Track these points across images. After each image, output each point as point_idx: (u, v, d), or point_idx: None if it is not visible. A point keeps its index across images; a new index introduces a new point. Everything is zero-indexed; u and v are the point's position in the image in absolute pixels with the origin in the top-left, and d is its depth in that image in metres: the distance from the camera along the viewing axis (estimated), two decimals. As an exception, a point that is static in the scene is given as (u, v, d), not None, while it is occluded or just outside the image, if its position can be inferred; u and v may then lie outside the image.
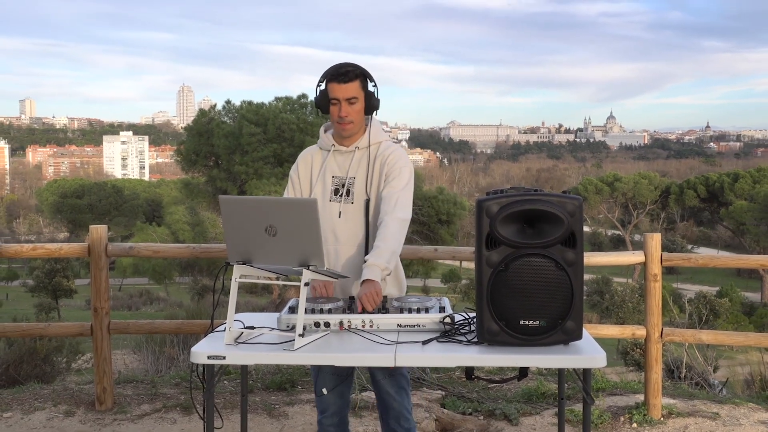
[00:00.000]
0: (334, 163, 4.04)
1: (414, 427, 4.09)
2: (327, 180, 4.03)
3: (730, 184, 64.75)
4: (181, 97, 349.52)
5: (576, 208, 3.25)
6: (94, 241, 6.16)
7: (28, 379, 8.10)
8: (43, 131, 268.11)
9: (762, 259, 7.26)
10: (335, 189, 4.01)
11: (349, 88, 3.87)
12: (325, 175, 4.03)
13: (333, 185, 4.02)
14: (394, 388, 4.00)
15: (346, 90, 3.86)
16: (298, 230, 3.28)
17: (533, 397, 6.55)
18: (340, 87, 3.86)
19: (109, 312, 6.26)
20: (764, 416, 6.16)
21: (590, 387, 3.35)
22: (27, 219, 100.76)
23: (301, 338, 3.34)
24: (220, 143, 42.70)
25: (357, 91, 3.90)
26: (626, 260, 6.73)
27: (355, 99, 3.89)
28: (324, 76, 3.91)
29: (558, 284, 3.25)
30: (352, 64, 3.93)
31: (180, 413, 6.12)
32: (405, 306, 3.60)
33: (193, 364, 3.36)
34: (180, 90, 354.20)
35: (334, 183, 4.02)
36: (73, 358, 10.65)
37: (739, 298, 41.74)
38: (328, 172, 4.03)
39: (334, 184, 4.02)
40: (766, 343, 7.00)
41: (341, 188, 4.00)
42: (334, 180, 4.02)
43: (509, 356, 3.29)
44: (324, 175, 4.03)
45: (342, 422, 4.11)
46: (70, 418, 6.05)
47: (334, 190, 4.01)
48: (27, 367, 8.68)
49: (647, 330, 6.16)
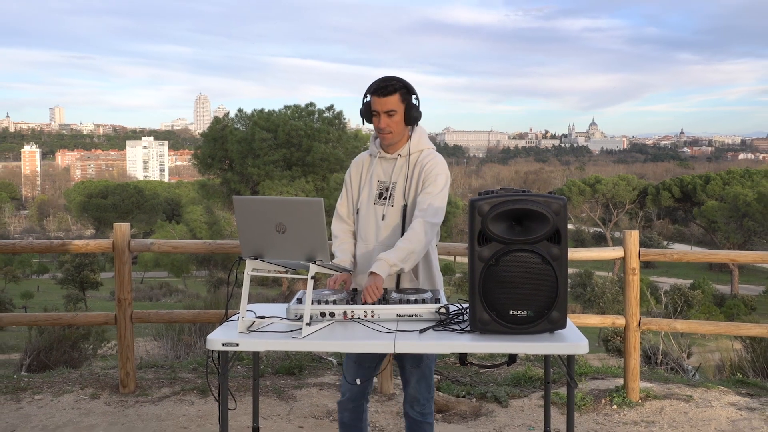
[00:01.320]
0: (380, 169, 4.02)
1: (429, 413, 4.01)
2: (373, 184, 4.02)
3: (702, 186, 64.79)
4: (198, 106, 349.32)
5: (561, 208, 3.25)
6: (118, 237, 6.16)
7: (58, 364, 8.11)
8: (72, 137, 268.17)
9: (732, 254, 7.27)
10: (379, 193, 3.99)
11: (389, 102, 3.84)
12: (372, 179, 4.02)
13: (378, 189, 4.00)
14: (416, 377, 3.96)
15: (386, 103, 3.84)
16: (305, 228, 3.27)
17: (521, 381, 6.56)
18: (379, 100, 3.84)
19: (131, 303, 6.26)
20: (734, 399, 6.16)
21: (574, 372, 3.35)
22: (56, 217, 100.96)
23: (308, 327, 3.34)
24: (233, 148, 42.68)
25: (396, 104, 3.86)
26: (607, 255, 6.73)
27: (393, 111, 3.86)
28: (368, 90, 3.90)
29: (544, 277, 3.25)
30: (396, 78, 3.90)
31: (197, 396, 6.13)
32: (403, 297, 3.60)
33: (209, 350, 3.36)
34: (197, 99, 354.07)
35: (379, 187, 4.00)
36: (99, 345, 10.68)
37: (710, 290, 41.74)
38: (375, 177, 4.02)
39: (379, 188, 4.00)
40: (735, 332, 7.00)
41: (385, 192, 3.98)
42: (379, 184, 4.00)
43: (499, 343, 3.29)
44: (371, 179, 4.03)
45: (357, 408, 4.06)
46: (96, 400, 6.05)
47: (379, 194, 4.00)
48: (56, 353, 8.69)
49: (626, 319, 6.16)
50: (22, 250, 6.82)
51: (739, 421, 5.67)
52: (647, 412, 5.86)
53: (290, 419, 5.67)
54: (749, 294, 46.12)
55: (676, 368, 8.68)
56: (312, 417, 5.72)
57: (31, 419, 5.65)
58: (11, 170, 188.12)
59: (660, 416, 5.79)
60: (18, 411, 5.83)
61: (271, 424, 5.54)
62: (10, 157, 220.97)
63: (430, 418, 4.01)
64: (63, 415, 5.73)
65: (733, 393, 6.33)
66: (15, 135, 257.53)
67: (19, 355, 9.21)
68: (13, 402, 6.00)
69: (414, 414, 3.98)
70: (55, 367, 7.79)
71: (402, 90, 3.86)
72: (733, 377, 7.26)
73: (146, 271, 57.78)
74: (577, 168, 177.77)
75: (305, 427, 5.53)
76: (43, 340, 8.87)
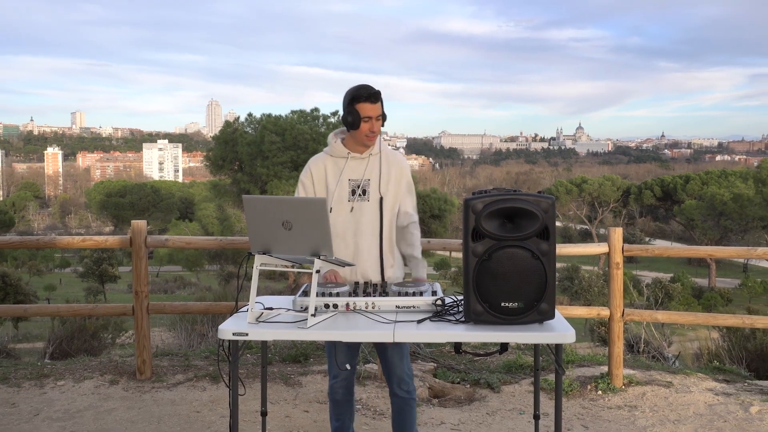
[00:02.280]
0: (350, 169, 4.06)
1: (413, 390, 4.11)
2: (344, 183, 4.04)
3: (682, 185, 64.84)
4: (210, 111, 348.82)
5: (549, 206, 3.25)
6: (135, 234, 6.16)
7: (79, 352, 8.12)
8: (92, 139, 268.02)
9: (709, 250, 7.27)
10: (352, 190, 4.03)
11: (378, 107, 3.93)
12: (342, 178, 4.04)
13: (350, 187, 4.04)
14: (398, 358, 4.03)
15: (376, 109, 3.91)
16: (310, 225, 3.28)
17: (512, 368, 6.56)
18: (373, 107, 3.90)
19: (147, 295, 6.26)
20: (711, 384, 6.16)
21: (562, 359, 3.35)
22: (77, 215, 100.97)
23: (313, 318, 3.34)
24: (243, 150, 42.76)
25: (381, 110, 3.97)
26: (592, 251, 6.73)
27: (380, 116, 3.96)
28: (355, 98, 3.91)
29: (534, 271, 3.25)
30: (371, 86, 3.96)
31: (209, 382, 6.13)
32: (402, 290, 3.61)
33: (220, 339, 3.36)
34: (209, 104, 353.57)
35: (351, 185, 4.04)
36: (117, 334, 10.67)
37: (689, 284, 41.79)
38: (345, 176, 4.05)
39: (351, 186, 4.04)
40: (713, 322, 7.00)
41: (357, 189, 4.03)
42: (351, 182, 4.04)
43: (492, 333, 3.28)
44: (341, 179, 4.04)
45: (349, 385, 4.17)
46: (114, 386, 6.05)
47: (351, 191, 4.04)
48: (77, 342, 8.70)
49: (611, 310, 6.16)
50: (46, 246, 6.83)
51: (716, 405, 5.67)
52: (630, 398, 5.86)
53: (296, 404, 5.68)
54: (725, 287, 46.19)
55: (657, 356, 8.68)
56: (317, 402, 5.72)
57: (54, 404, 5.66)
58: (35, 171, 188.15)
59: (642, 401, 5.79)
60: (42, 396, 5.83)
61: (278, 408, 5.54)
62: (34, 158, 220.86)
63: (414, 394, 4.12)
64: (84, 400, 5.73)
65: (711, 379, 6.34)
66: (39, 138, 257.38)
67: (43, 343, 9.21)
68: (37, 387, 6.00)
69: (402, 393, 4.07)
70: (76, 355, 7.80)
71: (380, 95, 3.97)
72: (711, 364, 7.26)
73: (161, 265, 57.74)
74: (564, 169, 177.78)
75: (310, 411, 5.54)
76: (65, 329, 8.88)
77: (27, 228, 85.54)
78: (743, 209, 51.47)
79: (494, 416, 5.52)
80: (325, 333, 3.34)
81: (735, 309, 31.61)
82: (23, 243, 7.16)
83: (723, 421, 5.38)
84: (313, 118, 44.05)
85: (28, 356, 9.15)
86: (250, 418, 5.23)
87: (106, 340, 9.77)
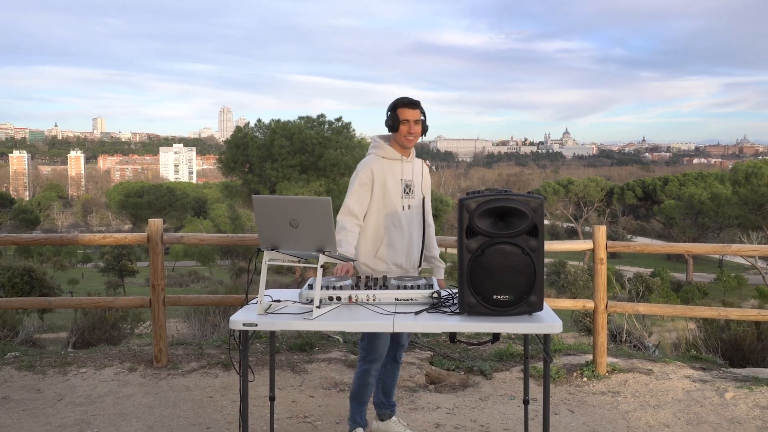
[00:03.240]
0: (403, 170, 4.29)
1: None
2: (397, 182, 4.27)
3: (661, 187, 64.91)
4: (222, 117, 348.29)
5: (538, 205, 3.25)
6: (152, 231, 6.16)
7: (100, 341, 8.13)
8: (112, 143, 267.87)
9: (687, 246, 7.26)
10: (404, 188, 4.29)
11: (417, 113, 4.20)
12: (396, 178, 4.27)
13: (402, 186, 4.28)
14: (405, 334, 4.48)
15: (414, 113, 4.19)
16: (315, 223, 3.28)
17: (504, 356, 6.55)
18: (411, 111, 4.18)
19: (164, 288, 6.26)
20: (688, 372, 6.16)
21: (549, 348, 3.35)
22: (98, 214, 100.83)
23: (318, 309, 3.34)
24: (253, 153, 42.71)
25: (420, 116, 4.22)
26: (578, 247, 6.72)
27: (419, 120, 4.21)
28: (395, 105, 4.20)
29: (523, 266, 3.25)
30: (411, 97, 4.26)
31: (221, 369, 6.13)
32: (401, 283, 3.61)
33: (231, 330, 3.37)
34: (221, 110, 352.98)
35: (403, 184, 4.28)
36: (135, 325, 10.67)
37: (668, 278, 41.81)
38: (399, 176, 4.28)
39: (403, 185, 4.28)
40: (690, 314, 7.00)
41: (406, 188, 4.29)
42: (403, 182, 4.28)
43: (484, 324, 3.29)
44: (396, 178, 4.27)
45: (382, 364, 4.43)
46: (132, 373, 6.05)
47: (404, 189, 4.28)
48: (98, 332, 8.70)
49: (595, 303, 6.16)
50: (69, 242, 6.82)
51: (693, 391, 5.67)
52: (613, 384, 5.86)
53: (302, 390, 5.68)
54: (702, 281, 46.22)
55: (639, 345, 8.68)
56: (321, 388, 5.72)
57: (77, 389, 5.66)
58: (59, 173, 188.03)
59: (624, 387, 5.79)
60: (65, 382, 5.83)
61: (285, 394, 5.54)
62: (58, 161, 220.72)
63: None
64: (104, 386, 5.73)
65: (688, 367, 6.34)
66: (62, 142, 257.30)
67: (66, 333, 9.21)
68: (60, 374, 6.00)
69: (399, 360, 4.55)
70: (97, 344, 7.80)
71: (420, 107, 4.24)
72: (688, 353, 7.26)
73: (177, 260, 57.71)
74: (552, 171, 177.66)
75: (315, 396, 5.53)
76: (87, 320, 8.88)
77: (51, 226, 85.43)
78: (720, 208, 51.48)
79: (486, 401, 5.52)
80: (329, 324, 3.35)
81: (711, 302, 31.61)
82: (48, 240, 7.17)
83: (700, 406, 5.38)
84: (319, 123, 44.02)
85: (52, 345, 9.15)
86: (259, 403, 5.23)
87: (125, 331, 9.77)
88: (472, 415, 5.21)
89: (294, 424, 4.97)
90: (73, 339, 8.44)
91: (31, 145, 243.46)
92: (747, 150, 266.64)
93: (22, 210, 77.16)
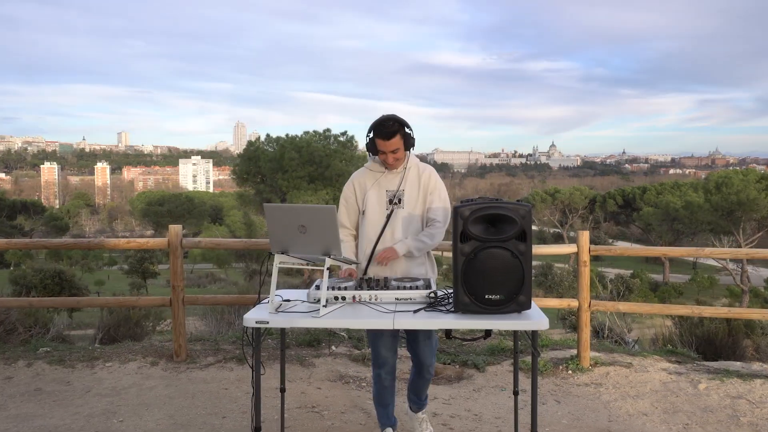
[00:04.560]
0: (386, 180, 4.05)
1: (432, 374, 4.21)
2: (382, 193, 4.04)
3: (640, 195, 64.79)
4: (236, 131, 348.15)
5: (526, 212, 3.26)
6: (172, 236, 6.17)
7: (124, 338, 8.12)
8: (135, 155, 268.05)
9: (664, 250, 7.26)
10: (389, 200, 4.03)
11: (392, 143, 3.87)
12: (380, 189, 4.05)
13: (387, 197, 4.03)
14: (429, 349, 4.06)
15: (390, 145, 3.87)
16: (321, 229, 3.28)
17: (495, 351, 6.55)
18: (385, 143, 3.87)
19: (183, 289, 6.26)
20: (665, 365, 6.16)
21: (537, 344, 3.35)
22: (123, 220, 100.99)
23: (325, 308, 3.35)
24: (265, 165, 42.81)
25: (398, 143, 3.87)
26: (564, 251, 6.72)
27: (397, 149, 3.90)
28: (372, 131, 3.90)
29: (513, 268, 3.25)
30: (392, 118, 3.88)
31: (235, 363, 6.13)
32: (401, 284, 3.62)
33: (245, 327, 3.37)
34: (236, 125, 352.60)
35: (388, 195, 4.03)
36: (157, 322, 10.68)
37: (647, 279, 41.65)
38: (383, 188, 4.05)
39: (388, 196, 4.03)
40: (666, 312, 6.99)
41: (393, 198, 4.02)
42: (388, 193, 4.04)
43: (477, 321, 3.29)
44: (379, 189, 4.05)
45: (394, 371, 4.16)
46: (154, 366, 6.05)
47: (389, 200, 4.03)
48: (123, 329, 8.70)
49: (579, 302, 6.16)
50: (96, 247, 6.83)
51: (670, 383, 5.67)
52: (596, 376, 5.86)
53: (310, 382, 5.67)
54: (678, 281, 46.10)
55: (620, 341, 8.68)
56: (328, 380, 5.72)
57: (103, 382, 5.66)
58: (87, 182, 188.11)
59: (606, 379, 5.78)
60: (92, 375, 5.83)
61: (295, 386, 5.54)
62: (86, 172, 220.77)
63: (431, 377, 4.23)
64: (128, 379, 5.73)
65: (665, 360, 6.33)
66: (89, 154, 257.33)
67: (93, 330, 9.20)
68: (88, 368, 6.01)
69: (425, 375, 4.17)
70: (122, 340, 7.80)
71: (400, 130, 3.88)
72: (665, 348, 7.25)
73: (195, 263, 57.58)
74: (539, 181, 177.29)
75: (322, 388, 5.53)
76: (113, 318, 8.88)
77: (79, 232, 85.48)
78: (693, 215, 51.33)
79: (480, 392, 5.51)
80: (334, 321, 3.35)
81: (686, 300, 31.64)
82: (76, 244, 7.17)
83: (675, 396, 5.37)
84: (325, 137, 44.17)
85: (80, 341, 9.14)
86: (271, 394, 5.23)
87: (147, 328, 9.77)
88: (466, 405, 5.21)
89: (303, 413, 4.97)
90: (100, 335, 8.44)
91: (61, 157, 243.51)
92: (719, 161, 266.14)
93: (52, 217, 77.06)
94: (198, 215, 74.63)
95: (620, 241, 69.14)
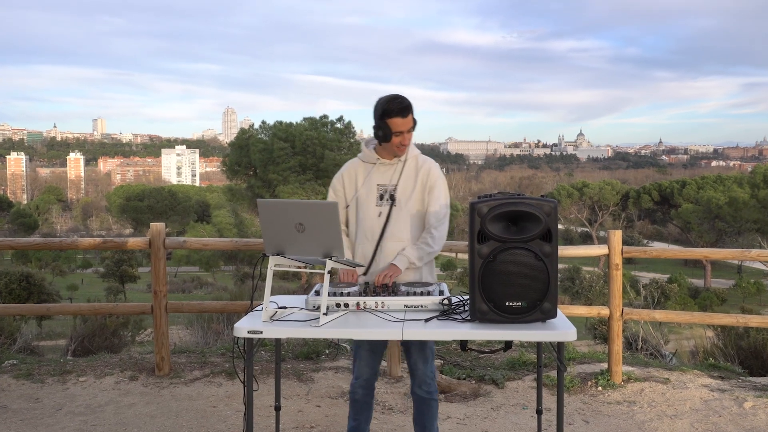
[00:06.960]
0: (378, 173, 4.00)
1: (435, 390, 4.06)
2: (372, 187, 3.99)
3: (678, 190, 64.69)
4: (226, 118, 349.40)
5: (552, 209, 3.25)
6: (154, 235, 6.18)
7: (100, 349, 8.14)
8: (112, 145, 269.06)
9: (705, 252, 7.24)
10: (380, 195, 3.98)
11: (408, 121, 3.84)
12: (371, 183, 4.00)
13: (378, 192, 3.99)
14: (422, 359, 4.00)
15: (407, 123, 3.83)
16: (322, 228, 3.28)
17: (516, 365, 6.55)
18: (404, 121, 3.82)
19: (166, 294, 6.28)
20: (706, 381, 6.15)
21: (563, 357, 3.34)
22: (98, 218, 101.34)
23: (325, 316, 3.34)
24: (256, 156, 42.92)
25: (412, 121, 3.89)
26: (593, 252, 6.71)
27: (412, 127, 3.89)
28: (386, 113, 3.82)
29: (537, 272, 3.24)
30: (402, 96, 3.86)
31: (225, 378, 6.14)
32: (411, 290, 3.61)
33: (235, 337, 3.37)
34: (225, 111, 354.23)
35: (379, 190, 3.98)
36: (137, 332, 10.73)
37: (686, 284, 41.60)
38: (374, 181, 4.00)
39: (379, 191, 3.98)
40: (708, 321, 6.98)
41: (385, 194, 3.97)
42: (379, 188, 3.98)
43: (496, 331, 3.28)
44: (370, 183, 4.00)
45: (369, 386, 4.10)
46: (134, 381, 6.07)
47: (379, 196, 3.98)
48: (99, 339, 8.72)
49: (610, 310, 6.15)
50: (68, 247, 6.85)
51: (712, 401, 5.66)
52: (629, 393, 5.85)
53: (309, 399, 5.68)
54: (720, 287, 46.04)
55: (655, 354, 8.66)
56: (328, 397, 5.73)
57: (76, 399, 5.68)
58: (58, 175, 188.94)
59: (640, 396, 5.78)
60: (64, 391, 5.85)
61: (291, 403, 5.54)
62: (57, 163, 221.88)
63: (435, 395, 4.06)
64: (105, 396, 5.75)
65: (706, 376, 6.32)
66: (61, 143, 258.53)
67: (65, 341, 9.24)
68: (59, 383, 6.02)
69: (422, 393, 4.03)
70: (98, 352, 7.81)
71: (411, 107, 3.87)
72: (706, 362, 7.24)
73: (179, 266, 57.80)
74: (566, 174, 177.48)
75: (322, 406, 5.54)
76: (87, 327, 8.91)
77: (50, 230, 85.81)
78: (738, 212, 51.37)
79: (498, 411, 5.51)
80: (336, 331, 3.35)
81: (729, 308, 31.53)
82: (47, 244, 7.19)
83: (718, 416, 5.36)
84: (322, 124, 44.31)
85: (51, 353, 9.18)
86: (264, 413, 5.24)
87: (126, 338, 9.81)
88: (483, 425, 5.21)
89: (300, 434, 4.98)
90: (73, 346, 8.46)
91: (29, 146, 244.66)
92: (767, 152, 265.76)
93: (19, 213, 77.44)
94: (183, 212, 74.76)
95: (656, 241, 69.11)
